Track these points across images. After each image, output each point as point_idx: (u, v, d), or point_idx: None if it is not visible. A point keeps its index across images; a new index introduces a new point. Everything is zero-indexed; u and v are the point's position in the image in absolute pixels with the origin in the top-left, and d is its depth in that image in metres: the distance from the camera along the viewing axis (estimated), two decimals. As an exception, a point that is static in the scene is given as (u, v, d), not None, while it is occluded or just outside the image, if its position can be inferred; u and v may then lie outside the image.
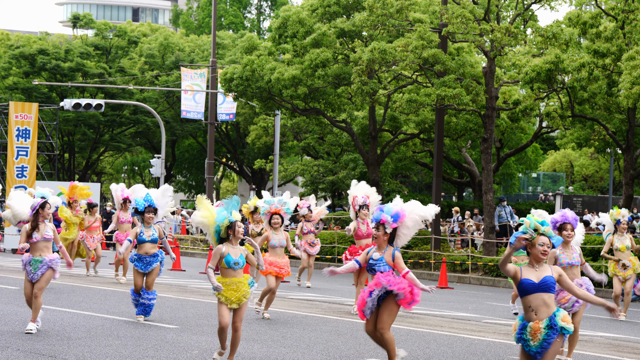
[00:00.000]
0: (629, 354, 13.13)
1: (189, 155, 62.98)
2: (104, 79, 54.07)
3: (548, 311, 8.11)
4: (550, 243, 8.33)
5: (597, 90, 27.10)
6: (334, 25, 32.16)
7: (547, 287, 8.14)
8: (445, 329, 14.92)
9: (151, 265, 14.49)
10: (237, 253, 10.46)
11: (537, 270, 8.23)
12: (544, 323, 8.05)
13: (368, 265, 10.56)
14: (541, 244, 8.27)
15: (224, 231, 10.41)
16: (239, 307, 10.46)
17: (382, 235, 10.52)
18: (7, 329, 12.90)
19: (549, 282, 8.14)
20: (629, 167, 28.23)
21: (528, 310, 8.15)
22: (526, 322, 8.16)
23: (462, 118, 32.81)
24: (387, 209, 10.57)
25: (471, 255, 28.26)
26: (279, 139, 43.41)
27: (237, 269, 10.43)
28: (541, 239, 8.31)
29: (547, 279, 8.16)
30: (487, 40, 28.02)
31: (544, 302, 8.11)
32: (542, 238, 8.31)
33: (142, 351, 11.47)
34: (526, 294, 8.15)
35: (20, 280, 20.78)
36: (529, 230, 8.31)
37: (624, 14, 26.27)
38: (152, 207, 14.66)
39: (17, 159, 35.36)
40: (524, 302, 8.19)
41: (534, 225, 8.31)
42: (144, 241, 14.51)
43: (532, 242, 8.30)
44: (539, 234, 8.32)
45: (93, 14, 76.43)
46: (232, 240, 10.47)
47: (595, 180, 57.30)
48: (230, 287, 10.40)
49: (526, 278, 8.17)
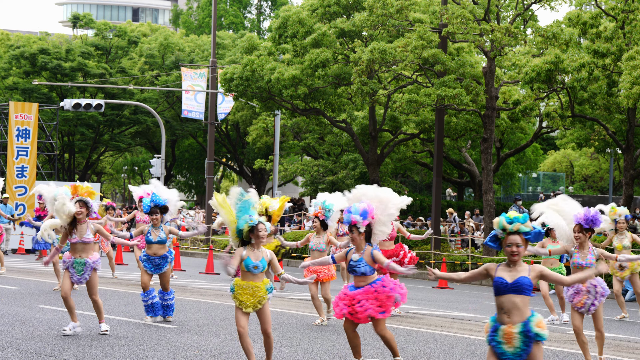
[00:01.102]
0: (629, 354, 13.13)
1: (189, 155, 62.98)
2: (105, 79, 54.08)
3: (521, 315, 7.63)
4: (524, 241, 7.79)
5: (597, 90, 27.11)
6: (334, 25, 32.17)
7: (519, 288, 7.65)
8: (445, 329, 14.91)
9: (160, 268, 14.31)
10: (259, 256, 10.09)
11: (511, 270, 7.74)
12: (517, 328, 7.61)
13: (349, 266, 10.45)
14: (509, 245, 7.76)
15: (245, 234, 10.08)
16: (260, 310, 10.15)
17: (357, 236, 10.40)
18: (7, 329, 12.90)
19: (522, 284, 7.65)
20: (629, 167, 28.23)
21: (500, 312, 7.69)
22: (498, 324, 7.70)
23: (462, 118, 32.81)
24: (354, 208, 10.43)
25: (471, 255, 28.27)
26: (279, 139, 43.41)
27: (256, 273, 10.08)
28: (510, 239, 7.77)
29: (521, 279, 7.66)
30: (487, 40, 28.02)
31: (515, 304, 7.63)
32: (510, 238, 7.77)
33: (142, 351, 11.47)
34: (498, 294, 7.69)
35: (21, 281, 20.78)
36: (497, 230, 7.84)
37: (624, 14, 26.27)
38: (159, 206, 14.36)
39: (17, 159, 35.35)
40: (496, 302, 7.73)
41: (501, 225, 7.82)
42: (151, 242, 14.32)
43: (503, 241, 7.83)
44: (508, 233, 7.79)
45: (93, 14, 76.45)
46: (255, 243, 10.12)
47: (595, 180, 57.30)
48: (247, 292, 10.10)
49: (500, 277, 7.71)
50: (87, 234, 12.65)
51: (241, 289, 10.13)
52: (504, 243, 7.81)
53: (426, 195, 45.17)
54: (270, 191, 46.11)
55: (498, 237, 7.87)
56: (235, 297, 10.15)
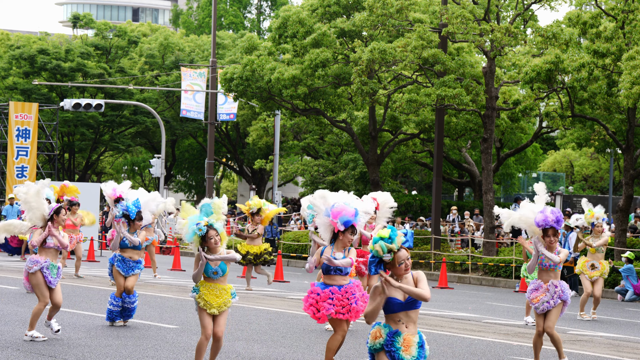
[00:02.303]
0: (629, 354, 13.14)
1: (189, 155, 62.96)
2: (104, 79, 54.08)
3: (415, 328, 7.70)
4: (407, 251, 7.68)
5: (597, 90, 27.10)
6: (334, 25, 32.17)
7: (414, 304, 7.67)
8: (445, 329, 14.92)
9: (133, 270, 14.18)
10: (217, 262, 9.96)
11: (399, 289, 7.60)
12: (417, 338, 7.63)
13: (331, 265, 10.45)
14: (401, 262, 7.61)
15: (199, 243, 9.87)
16: (220, 314, 10.03)
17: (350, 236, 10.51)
18: (7, 329, 12.90)
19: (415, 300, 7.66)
20: (629, 167, 28.23)
21: (398, 323, 7.64)
22: (397, 330, 7.61)
23: (462, 118, 32.81)
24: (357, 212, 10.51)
25: (471, 255, 28.27)
26: (279, 139, 43.41)
27: (216, 278, 9.97)
28: (399, 256, 7.62)
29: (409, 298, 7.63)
30: (487, 40, 28.03)
31: (412, 319, 7.66)
32: (399, 254, 7.62)
33: (142, 351, 11.47)
34: (391, 312, 7.65)
35: (19, 281, 20.77)
36: (385, 255, 7.59)
37: (624, 14, 26.26)
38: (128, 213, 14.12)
39: (17, 159, 35.38)
40: (392, 316, 7.65)
41: (385, 249, 7.59)
42: (126, 246, 14.19)
43: (392, 263, 7.62)
44: (395, 252, 7.61)
45: (93, 14, 76.40)
46: (211, 249, 9.92)
47: (595, 180, 57.29)
48: (213, 292, 9.98)
49: (393, 297, 7.59)
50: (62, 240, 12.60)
51: (207, 289, 9.99)
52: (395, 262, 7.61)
53: (426, 195, 45.17)
54: (271, 191, 46.11)
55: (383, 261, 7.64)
56: (199, 296, 9.99)
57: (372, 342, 7.66)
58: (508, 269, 27.02)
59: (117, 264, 14.17)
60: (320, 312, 10.43)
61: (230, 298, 10.07)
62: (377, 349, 7.64)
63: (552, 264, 11.59)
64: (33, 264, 12.19)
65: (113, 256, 14.31)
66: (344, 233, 10.45)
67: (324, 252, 10.55)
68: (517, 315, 17.86)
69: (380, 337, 7.62)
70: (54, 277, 12.24)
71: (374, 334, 7.66)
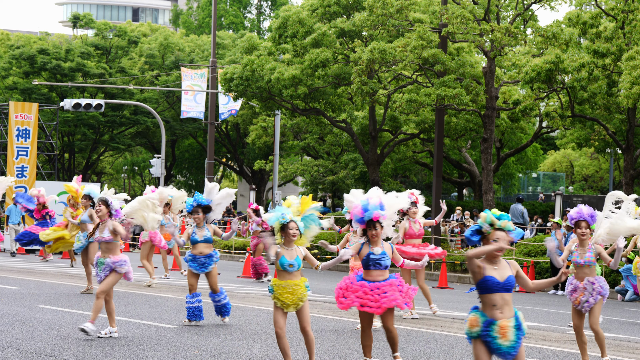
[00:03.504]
0: (629, 354, 13.13)
1: (189, 155, 62.97)
2: (104, 79, 54.08)
3: (510, 310, 7.85)
4: (509, 237, 7.91)
5: (597, 90, 27.11)
6: (334, 25, 32.18)
7: (510, 286, 7.86)
8: (445, 329, 14.91)
9: (206, 267, 14.18)
10: (293, 255, 10.14)
11: (496, 268, 7.86)
12: (512, 322, 7.79)
13: (371, 260, 10.58)
14: (495, 240, 7.86)
15: (276, 232, 10.15)
16: (300, 309, 10.22)
17: (380, 231, 10.63)
18: (7, 329, 12.90)
19: (512, 282, 7.88)
20: (629, 167, 28.24)
21: (492, 308, 7.80)
22: (492, 319, 7.78)
23: (462, 118, 32.82)
24: (371, 205, 10.58)
25: (471, 255, 28.22)
26: (279, 139, 43.40)
27: (292, 271, 10.13)
28: (496, 234, 7.88)
29: (510, 278, 7.87)
30: (487, 40, 28.04)
31: (506, 301, 7.84)
32: (497, 233, 7.89)
33: (142, 351, 11.47)
34: (489, 292, 7.81)
35: (20, 281, 20.78)
36: (484, 224, 7.89)
37: (624, 14, 26.28)
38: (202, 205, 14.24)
39: (17, 159, 35.37)
40: (487, 299, 7.82)
41: (489, 220, 7.89)
42: (197, 241, 14.25)
43: (487, 237, 7.90)
44: (495, 228, 7.89)
45: (93, 14, 76.41)
46: (286, 242, 10.15)
47: (595, 180, 57.29)
48: (287, 290, 10.13)
49: (491, 276, 7.81)
50: (105, 232, 12.63)
51: (280, 288, 10.14)
52: (489, 238, 7.88)
53: (426, 195, 45.12)
54: (271, 191, 46.10)
55: (481, 231, 7.94)
56: (275, 297, 10.15)
57: (470, 329, 7.86)
58: (508, 269, 26.98)
59: (189, 264, 14.22)
60: (346, 299, 10.56)
61: (305, 292, 10.21)
62: (474, 337, 7.84)
63: (587, 261, 11.61)
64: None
65: (186, 256, 14.41)
66: (367, 230, 10.63)
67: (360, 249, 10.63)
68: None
69: (476, 326, 7.81)
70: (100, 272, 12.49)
71: (471, 321, 7.85)
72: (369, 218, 10.57)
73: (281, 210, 10.26)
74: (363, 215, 10.58)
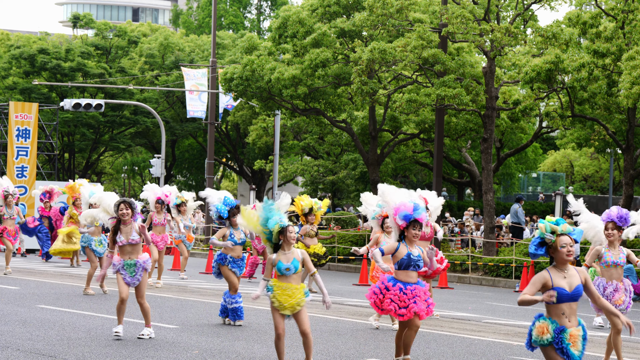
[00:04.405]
0: (629, 354, 13.14)
1: (189, 155, 62.97)
2: (104, 79, 54.07)
3: (576, 319, 7.77)
4: (572, 240, 7.79)
5: (597, 90, 27.10)
6: (334, 25, 32.17)
7: (578, 296, 7.75)
8: (445, 329, 14.91)
9: (242, 268, 14.27)
10: (290, 258, 10.10)
11: (566, 276, 7.72)
12: (580, 332, 7.71)
13: (412, 260, 10.47)
14: (563, 245, 7.74)
15: (275, 237, 10.11)
16: (297, 314, 10.12)
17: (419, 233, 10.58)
18: (7, 329, 12.90)
19: (580, 292, 7.76)
20: (629, 167, 28.23)
21: (561, 317, 7.71)
22: (563, 326, 7.67)
23: (462, 118, 32.82)
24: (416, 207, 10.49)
25: (471, 255, 28.27)
26: (279, 139, 43.39)
27: (289, 275, 10.08)
28: (562, 239, 7.76)
29: (579, 287, 7.75)
30: (487, 40, 28.03)
31: (573, 310, 7.73)
32: (562, 239, 7.76)
33: (142, 351, 11.47)
34: (559, 302, 7.69)
35: (20, 281, 20.77)
36: (547, 235, 7.76)
37: (624, 14, 26.27)
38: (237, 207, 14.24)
39: (17, 159, 35.36)
40: (554, 308, 7.72)
41: (550, 229, 7.77)
42: (236, 243, 14.28)
43: (553, 245, 7.76)
44: (558, 235, 7.78)
45: (93, 14, 76.40)
46: (285, 245, 10.14)
47: (595, 180, 57.28)
48: (285, 292, 10.07)
49: (559, 287, 7.68)
50: (133, 234, 12.56)
51: (280, 289, 10.09)
52: (556, 245, 7.76)
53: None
54: (271, 191, 46.10)
55: (545, 242, 7.81)
56: (274, 296, 10.08)
57: (539, 337, 7.73)
58: (508, 269, 27.02)
59: (230, 265, 14.20)
60: (383, 306, 10.51)
61: (303, 297, 10.13)
62: (544, 344, 7.72)
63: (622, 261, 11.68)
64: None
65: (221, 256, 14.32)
66: (407, 229, 10.49)
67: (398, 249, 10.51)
68: (517, 315, 17.86)
69: (547, 334, 7.68)
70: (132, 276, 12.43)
71: (540, 328, 7.72)
72: (417, 217, 10.47)
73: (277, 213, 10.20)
74: (413, 213, 10.45)
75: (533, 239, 7.87)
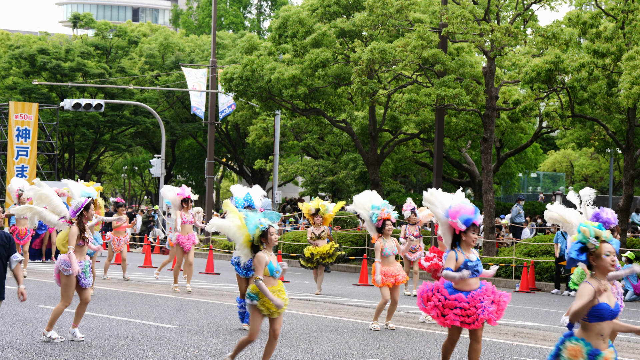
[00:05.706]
0: (629, 354, 13.13)
1: (189, 155, 62.98)
2: (104, 79, 54.08)
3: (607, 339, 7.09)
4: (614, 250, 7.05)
5: (597, 90, 27.10)
6: (334, 25, 32.17)
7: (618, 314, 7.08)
8: (445, 329, 14.89)
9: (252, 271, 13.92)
10: (275, 259, 9.88)
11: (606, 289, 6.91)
12: (614, 355, 7.02)
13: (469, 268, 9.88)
14: (607, 254, 6.96)
15: (257, 239, 9.85)
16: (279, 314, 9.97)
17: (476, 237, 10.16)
18: (7, 329, 12.90)
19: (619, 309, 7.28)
20: (629, 167, 28.23)
21: (598, 338, 6.97)
22: (597, 349, 6.96)
23: (462, 118, 32.81)
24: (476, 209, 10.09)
25: (471, 255, 28.23)
26: (279, 139, 43.40)
27: (277, 277, 9.89)
28: (605, 247, 6.97)
29: (617, 305, 7.09)
30: (487, 40, 28.03)
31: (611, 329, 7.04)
32: (606, 246, 6.97)
33: (142, 351, 11.47)
34: (600, 321, 6.95)
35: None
36: (591, 239, 6.97)
37: (624, 14, 26.27)
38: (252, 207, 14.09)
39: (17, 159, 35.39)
40: (594, 327, 6.97)
41: (594, 233, 6.98)
42: None
43: (596, 252, 6.97)
44: (602, 241, 7.00)
45: (93, 14, 76.41)
46: (267, 247, 9.89)
47: (595, 180, 57.27)
48: (275, 294, 9.84)
49: (605, 303, 6.93)
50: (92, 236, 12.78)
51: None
52: (599, 252, 7.02)
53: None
54: (271, 191, 46.09)
55: (586, 248, 7.07)
56: (262, 304, 9.79)
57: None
58: (508, 269, 27.01)
59: (235, 268, 14.03)
60: (447, 318, 9.92)
61: (285, 296, 9.99)
62: None
63: None
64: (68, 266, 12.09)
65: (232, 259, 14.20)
66: (466, 233, 9.95)
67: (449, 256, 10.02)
68: (517, 315, 17.86)
69: (581, 357, 6.98)
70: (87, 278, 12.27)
71: (572, 351, 7.02)
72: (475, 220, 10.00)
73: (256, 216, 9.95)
74: (473, 215, 9.97)
75: (573, 244, 7.14)
